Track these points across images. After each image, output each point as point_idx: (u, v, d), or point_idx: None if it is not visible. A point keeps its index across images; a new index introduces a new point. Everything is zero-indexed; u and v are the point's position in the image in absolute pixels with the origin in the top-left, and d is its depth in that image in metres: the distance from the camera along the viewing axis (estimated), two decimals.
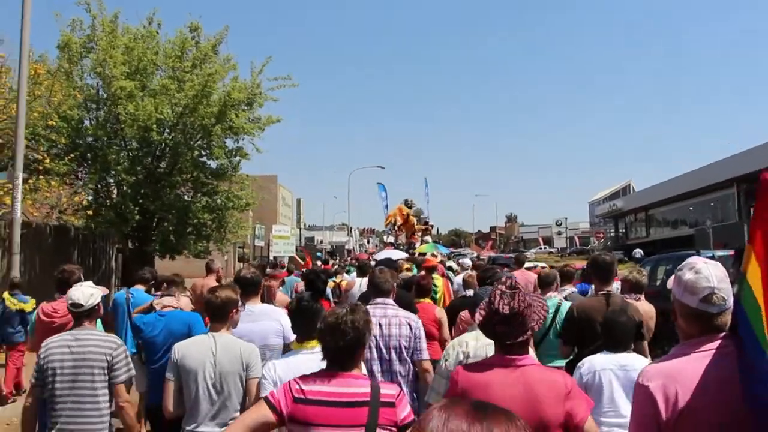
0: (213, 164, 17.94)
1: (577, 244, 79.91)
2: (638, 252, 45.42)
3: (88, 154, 16.28)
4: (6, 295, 9.08)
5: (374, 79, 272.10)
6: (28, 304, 9.02)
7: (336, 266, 19.78)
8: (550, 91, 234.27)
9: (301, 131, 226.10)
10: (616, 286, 5.52)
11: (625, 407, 3.55)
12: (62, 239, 16.94)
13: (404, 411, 2.61)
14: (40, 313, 5.92)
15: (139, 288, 7.39)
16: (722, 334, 2.12)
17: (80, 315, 4.00)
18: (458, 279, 10.51)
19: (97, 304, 4.08)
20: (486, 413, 1.09)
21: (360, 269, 9.47)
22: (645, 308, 5.10)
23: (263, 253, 46.58)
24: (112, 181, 16.85)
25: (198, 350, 3.71)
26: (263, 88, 17.65)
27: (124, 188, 16.34)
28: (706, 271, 2.14)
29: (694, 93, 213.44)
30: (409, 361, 4.62)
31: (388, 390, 2.65)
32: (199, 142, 17.10)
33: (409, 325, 4.63)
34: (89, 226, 16.40)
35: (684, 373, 2.07)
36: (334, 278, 12.19)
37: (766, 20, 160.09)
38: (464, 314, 5.55)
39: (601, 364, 3.82)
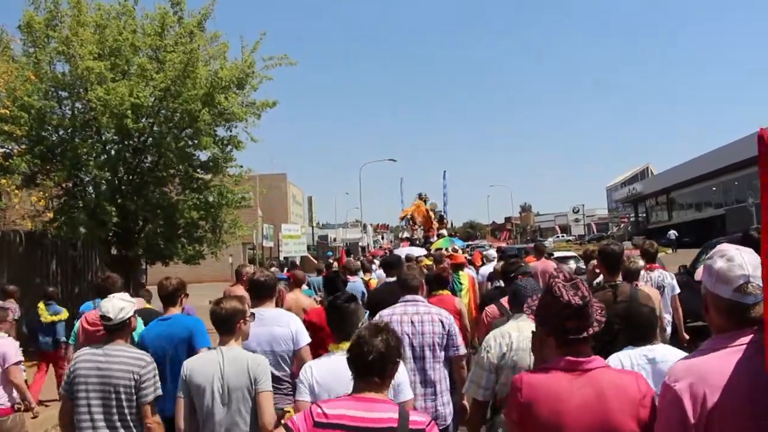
0: (203, 156, 15.77)
1: (595, 231, 78.06)
2: (672, 233, 44.56)
3: (58, 150, 14.11)
4: (41, 305, 9.43)
5: (385, 71, 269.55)
6: (62, 314, 9.60)
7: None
8: (565, 79, 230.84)
9: (310, 128, 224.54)
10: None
11: None
12: (34, 247, 14.93)
13: None
14: (84, 322, 5.80)
15: None
16: (756, 327, 1.97)
17: (111, 329, 3.97)
18: (482, 270, 10.51)
19: (129, 319, 4.01)
20: None
21: (386, 266, 8.69)
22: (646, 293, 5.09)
23: (272, 254, 44.87)
24: (86, 178, 14.63)
25: (206, 366, 3.68)
26: (257, 68, 15.43)
27: (101, 186, 14.25)
28: (740, 259, 2.01)
29: (709, 72, 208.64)
30: (443, 357, 4.59)
31: (417, 417, 2.55)
32: (184, 131, 14.85)
33: (442, 322, 4.61)
34: (59, 232, 14.25)
35: (714, 371, 1.94)
36: (362, 276, 12.05)
37: None
38: (490, 309, 5.56)
39: (628, 359, 3.60)
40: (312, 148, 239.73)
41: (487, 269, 10.73)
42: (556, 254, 17.65)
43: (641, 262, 6.75)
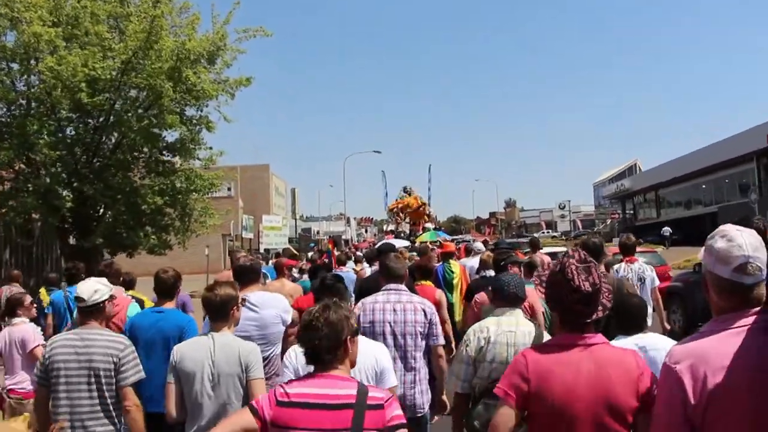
0: (171, 137, 14.42)
1: (580, 227, 77.40)
2: (667, 230, 44.07)
3: (5, 128, 12.75)
4: (42, 291, 9.15)
5: (370, 64, 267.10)
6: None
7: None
8: (550, 74, 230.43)
9: (294, 120, 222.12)
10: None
11: None
12: None
13: (393, 412, 2.49)
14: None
15: None
16: (757, 309, 1.98)
17: (85, 312, 3.91)
18: (470, 263, 10.29)
19: (103, 302, 3.94)
20: None
21: (368, 259, 9.71)
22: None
23: (252, 245, 43.68)
24: (38, 158, 13.18)
25: (196, 351, 3.58)
26: (230, 41, 14.10)
27: (54, 168, 12.92)
28: (740, 239, 2.00)
29: (699, 70, 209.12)
30: (424, 346, 4.58)
31: (376, 393, 2.53)
32: (149, 110, 13.48)
33: (424, 311, 4.61)
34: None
35: (715, 352, 1.94)
36: (354, 266, 12.66)
37: None
38: (479, 296, 5.68)
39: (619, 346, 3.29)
40: (296, 140, 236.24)
41: (474, 261, 10.36)
42: (546, 249, 17.09)
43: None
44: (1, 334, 5.71)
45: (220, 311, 3.68)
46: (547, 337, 3.71)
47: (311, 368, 2.86)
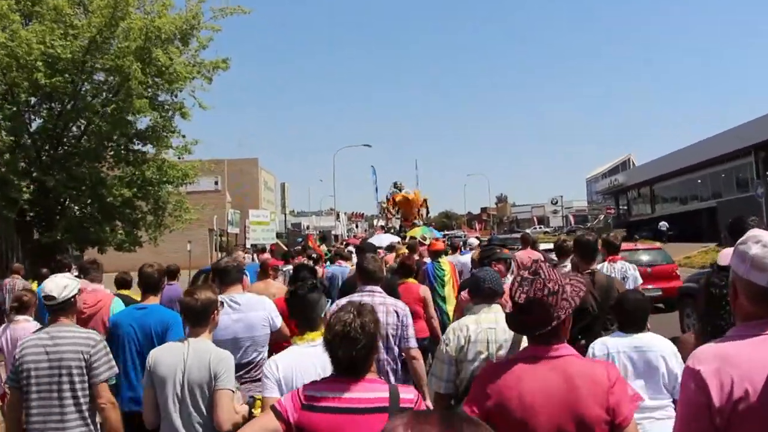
0: (143, 124, 13.28)
1: (572, 222, 76.73)
2: (664, 224, 43.42)
3: None
4: (34, 284, 9.03)
5: (360, 57, 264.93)
6: None
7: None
8: (542, 67, 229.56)
9: (284, 114, 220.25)
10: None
11: (641, 393, 3.42)
12: None
13: None
14: None
15: None
16: None
17: (55, 309, 3.80)
18: (463, 259, 10.33)
19: (73, 297, 3.87)
20: (456, 425, 1.08)
21: (359, 252, 8.94)
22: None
23: (238, 240, 42.68)
24: None
25: (170, 357, 3.49)
26: (205, 19, 12.98)
27: (13, 155, 11.80)
28: None
29: (693, 65, 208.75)
30: (397, 349, 4.61)
31: (407, 394, 2.50)
32: (117, 95, 12.34)
33: (396, 313, 4.61)
34: None
35: (742, 357, 1.84)
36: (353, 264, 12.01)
37: None
38: (464, 294, 5.64)
39: (614, 346, 3.67)
40: (285, 133, 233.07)
41: (467, 258, 10.37)
42: (542, 246, 16.75)
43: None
44: (3, 332, 5.57)
45: (200, 316, 3.59)
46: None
47: (294, 379, 2.94)
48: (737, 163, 39.60)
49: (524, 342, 3.19)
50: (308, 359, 2.99)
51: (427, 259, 9.40)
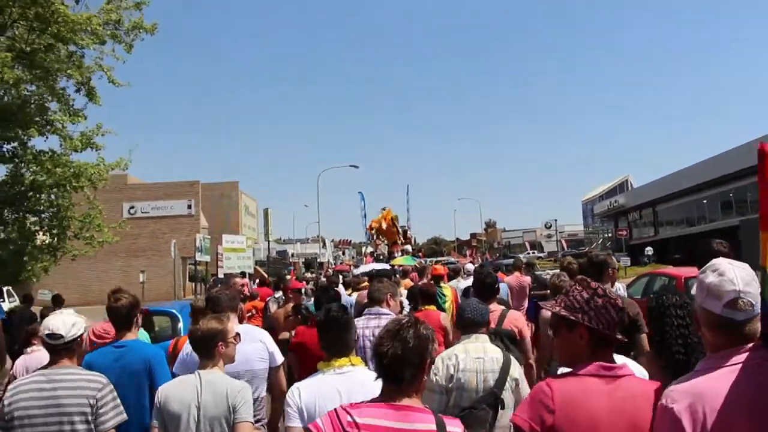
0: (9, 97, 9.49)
1: (565, 247, 73.95)
2: (649, 249, 42.20)
3: None
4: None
5: (349, 78, 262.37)
6: None
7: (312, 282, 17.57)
8: (536, 92, 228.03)
9: (267, 139, 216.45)
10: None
11: None
12: None
13: None
14: (91, 335, 5.42)
15: None
16: (750, 345, 1.99)
17: (58, 349, 3.48)
18: (462, 284, 10.38)
19: (80, 336, 3.60)
20: None
21: (345, 286, 10.14)
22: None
23: (208, 269, 39.17)
24: None
25: (183, 392, 3.40)
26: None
27: None
28: (731, 273, 2.02)
29: (689, 83, 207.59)
30: None
31: (454, 427, 2.41)
32: None
33: None
34: None
35: (711, 391, 1.94)
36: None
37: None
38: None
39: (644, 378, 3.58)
40: (268, 160, 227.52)
41: (466, 284, 10.33)
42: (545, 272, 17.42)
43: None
44: (20, 363, 5.63)
45: (202, 347, 3.52)
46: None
47: (318, 409, 2.86)
48: (748, 182, 36.75)
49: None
50: (334, 387, 3.00)
51: None
